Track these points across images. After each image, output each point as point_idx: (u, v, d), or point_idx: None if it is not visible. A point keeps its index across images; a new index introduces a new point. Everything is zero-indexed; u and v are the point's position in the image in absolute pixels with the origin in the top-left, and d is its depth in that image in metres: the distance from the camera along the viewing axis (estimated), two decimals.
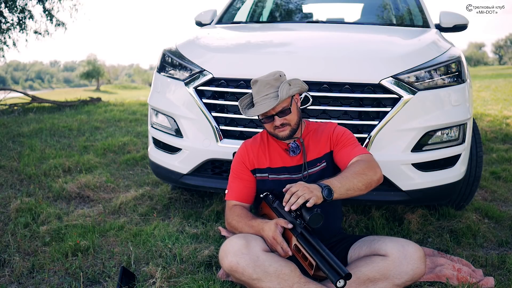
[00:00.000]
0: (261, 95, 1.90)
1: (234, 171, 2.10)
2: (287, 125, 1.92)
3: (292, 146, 2.00)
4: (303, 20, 3.92)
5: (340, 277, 1.54)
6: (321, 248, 1.65)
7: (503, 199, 3.26)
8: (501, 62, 72.47)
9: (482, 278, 2.04)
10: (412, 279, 1.76)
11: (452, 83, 2.40)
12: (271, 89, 1.89)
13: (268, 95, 1.89)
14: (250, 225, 1.89)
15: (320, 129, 2.07)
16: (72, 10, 9.97)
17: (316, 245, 1.67)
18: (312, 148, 2.03)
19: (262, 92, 1.90)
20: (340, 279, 1.54)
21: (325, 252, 1.63)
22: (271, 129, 1.95)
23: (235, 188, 2.07)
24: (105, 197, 3.22)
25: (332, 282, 1.55)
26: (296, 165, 2.01)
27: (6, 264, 2.21)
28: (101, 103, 8.73)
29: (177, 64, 2.61)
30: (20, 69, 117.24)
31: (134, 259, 2.22)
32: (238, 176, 2.08)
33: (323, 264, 1.61)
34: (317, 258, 1.63)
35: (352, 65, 2.36)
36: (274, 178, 2.01)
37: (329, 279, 1.58)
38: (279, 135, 1.95)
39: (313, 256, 1.65)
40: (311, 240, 1.69)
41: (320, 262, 1.62)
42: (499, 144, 4.99)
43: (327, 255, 1.62)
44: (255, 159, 2.05)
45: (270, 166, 2.03)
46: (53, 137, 5.17)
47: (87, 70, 38.57)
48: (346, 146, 2.00)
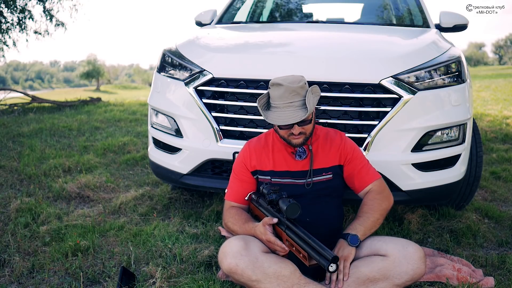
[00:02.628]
0: (285, 102, 1.82)
1: (235, 171, 2.10)
2: (303, 134, 1.90)
3: (299, 150, 1.99)
4: (303, 20, 3.92)
5: (330, 262, 1.58)
6: (307, 236, 1.68)
7: (503, 199, 3.26)
8: (501, 62, 72.47)
9: (482, 278, 2.03)
10: (412, 279, 1.76)
11: (452, 83, 2.40)
12: (296, 97, 1.82)
13: (293, 103, 1.82)
14: (244, 228, 1.92)
15: (329, 138, 2.06)
16: (72, 10, 9.99)
17: (302, 234, 1.69)
18: (321, 156, 2.02)
19: (287, 99, 1.82)
20: (331, 264, 1.58)
21: (311, 239, 1.66)
22: (285, 135, 1.91)
23: (234, 189, 2.08)
24: (105, 197, 3.22)
25: (324, 268, 1.58)
26: (301, 170, 2.00)
27: (6, 264, 2.21)
28: (101, 103, 8.73)
29: (177, 64, 2.61)
30: (20, 69, 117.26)
31: (134, 259, 2.22)
32: (238, 177, 2.08)
33: (313, 251, 1.64)
34: (307, 247, 1.66)
35: (352, 65, 2.36)
36: (276, 181, 2.00)
37: (321, 265, 1.61)
38: (293, 142, 1.92)
39: (303, 246, 1.68)
40: (297, 231, 1.71)
41: (310, 251, 1.65)
42: (499, 144, 4.99)
43: (313, 242, 1.65)
44: (257, 160, 2.04)
45: (273, 169, 2.01)
46: (53, 137, 5.17)
47: (87, 70, 38.59)
48: (359, 168, 2.02)
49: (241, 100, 2.38)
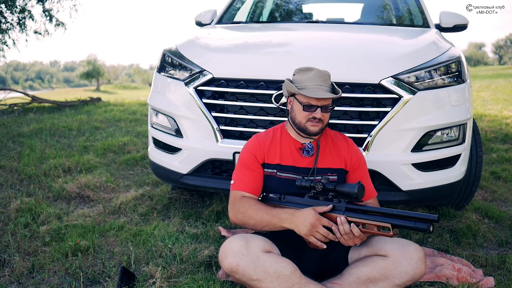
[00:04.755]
0: (315, 83, 1.90)
1: (243, 160, 2.01)
2: (321, 122, 1.92)
3: (307, 146, 1.98)
4: (303, 20, 3.92)
5: (431, 223, 1.57)
6: (381, 210, 1.68)
7: (503, 199, 3.26)
8: (501, 62, 72.46)
9: (482, 278, 2.04)
10: (412, 279, 1.76)
11: (452, 83, 2.40)
12: (325, 83, 1.91)
13: (322, 86, 1.90)
14: (273, 214, 1.82)
15: (337, 139, 2.07)
16: (72, 10, 9.97)
17: (373, 209, 1.70)
18: (328, 156, 2.01)
19: (316, 81, 1.90)
20: (431, 226, 1.57)
21: (393, 211, 1.65)
22: (304, 119, 1.92)
23: (245, 178, 1.97)
24: (105, 197, 3.22)
25: (424, 231, 1.58)
26: (307, 167, 1.99)
27: (6, 264, 2.21)
28: (101, 103, 8.73)
29: (177, 64, 2.61)
30: (20, 69, 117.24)
31: (134, 259, 2.22)
32: (248, 166, 1.99)
33: (403, 222, 1.62)
34: (386, 219, 1.65)
35: (352, 65, 2.36)
36: (281, 176, 1.98)
37: (418, 230, 1.59)
38: (310, 129, 1.92)
39: (380, 220, 1.66)
40: (362, 208, 1.72)
41: (397, 221, 1.63)
42: (499, 144, 5.00)
43: (397, 212, 1.64)
44: (265, 153, 2.00)
45: (280, 163, 1.99)
46: (53, 137, 5.17)
47: (87, 70, 38.58)
48: (363, 179, 2.03)
49: (241, 100, 2.38)
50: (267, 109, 2.36)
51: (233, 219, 1.94)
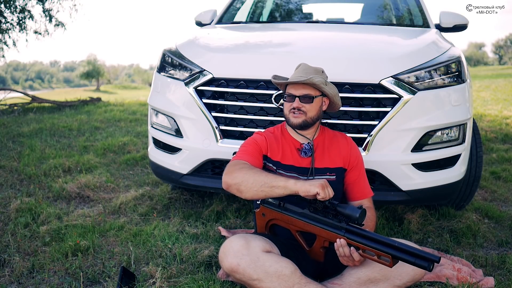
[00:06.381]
0: (297, 75, 1.97)
1: (246, 147, 1.99)
2: (303, 113, 1.92)
3: (305, 147, 1.99)
4: (303, 20, 3.92)
5: (432, 262, 1.51)
6: (383, 239, 1.61)
7: (503, 199, 3.26)
8: (501, 62, 72.44)
9: (482, 278, 2.04)
10: (413, 280, 1.76)
11: (452, 83, 2.40)
12: (306, 75, 1.94)
13: (301, 77, 1.93)
14: (272, 176, 1.78)
15: (336, 139, 2.07)
16: (72, 10, 9.97)
17: (375, 237, 1.63)
18: (327, 156, 2.02)
19: (299, 73, 1.98)
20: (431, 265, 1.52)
21: (391, 241, 1.59)
22: (287, 110, 1.97)
23: (244, 157, 1.93)
24: (105, 197, 3.22)
25: (425, 269, 1.52)
26: (306, 167, 2.00)
27: (6, 264, 2.21)
28: (101, 103, 8.73)
29: (177, 64, 2.61)
30: (20, 69, 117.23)
31: (134, 259, 2.22)
32: (251, 154, 1.96)
33: (405, 256, 1.55)
34: (388, 250, 1.58)
35: (352, 65, 2.36)
36: (281, 173, 1.97)
37: (418, 267, 1.54)
38: (291, 120, 1.95)
39: (381, 249, 1.60)
40: (363, 233, 1.66)
41: (398, 254, 1.56)
42: (499, 144, 5.00)
43: (398, 244, 1.58)
44: (269, 147, 2.01)
45: (281, 161, 2.00)
46: (53, 137, 5.17)
47: (87, 70, 38.56)
48: (360, 178, 2.05)
49: (241, 100, 2.38)
50: (267, 109, 2.36)
51: (226, 179, 1.84)
